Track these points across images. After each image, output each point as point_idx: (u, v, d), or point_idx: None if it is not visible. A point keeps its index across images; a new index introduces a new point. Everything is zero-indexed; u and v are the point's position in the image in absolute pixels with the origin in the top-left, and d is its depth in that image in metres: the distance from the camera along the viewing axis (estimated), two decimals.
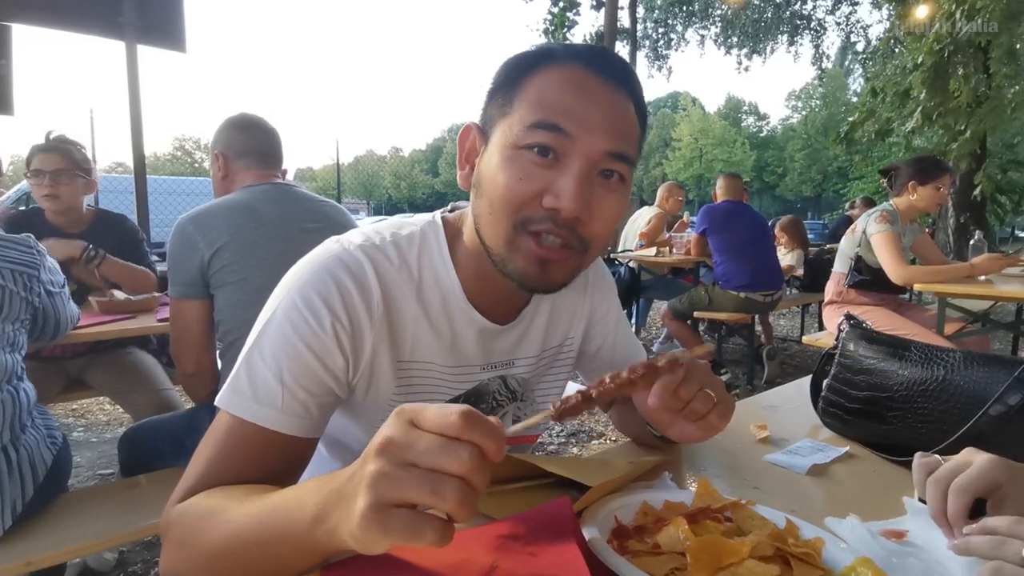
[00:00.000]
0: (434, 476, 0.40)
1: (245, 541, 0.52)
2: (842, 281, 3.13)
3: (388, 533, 0.40)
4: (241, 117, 1.69)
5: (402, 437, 0.42)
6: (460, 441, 0.41)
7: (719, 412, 0.65)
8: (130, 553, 2.02)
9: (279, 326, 0.65)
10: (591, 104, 0.63)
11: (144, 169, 3.69)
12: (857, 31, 18.15)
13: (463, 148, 0.72)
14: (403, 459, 0.41)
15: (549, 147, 0.63)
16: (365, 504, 0.40)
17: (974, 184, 9.18)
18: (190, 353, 1.50)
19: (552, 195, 0.63)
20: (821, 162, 40.95)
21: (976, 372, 0.77)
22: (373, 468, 0.41)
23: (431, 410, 0.43)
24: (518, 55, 0.68)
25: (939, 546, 0.59)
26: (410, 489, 0.40)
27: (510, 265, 0.67)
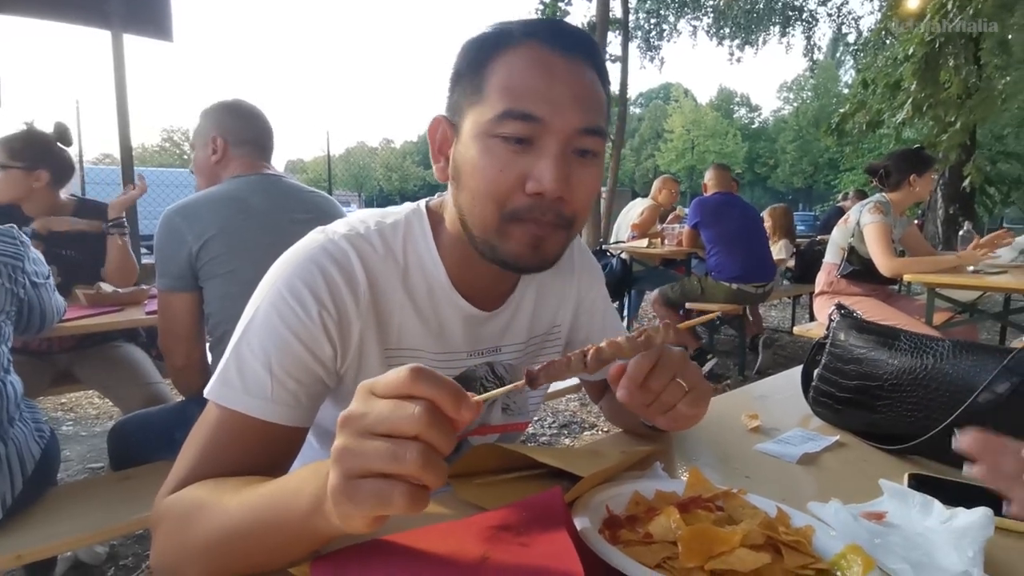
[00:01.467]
0: (391, 441, 0.40)
1: (241, 531, 0.51)
2: (833, 272, 3.15)
3: (358, 504, 0.40)
4: (239, 104, 1.66)
5: (359, 408, 0.42)
6: (412, 398, 0.41)
7: (690, 401, 0.65)
8: (121, 547, 2.02)
9: (266, 316, 0.65)
10: (557, 83, 0.63)
11: (131, 160, 3.65)
12: (849, 22, 18.19)
13: (434, 141, 0.72)
14: (361, 429, 0.41)
15: (522, 134, 0.63)
16: (334, 480, 0.41)
17: (963, 175, 9.23)
18: (179, 346, 1.49)
19: (533, 180, 0.63)
20: (812, 154, 41.09)
21: (965, 361, 0.78)
22: (337, 443, 0.42)
23: (384, 376, 0.43)
24: (476, 38, 0.68)
25: (916, 523, 0.60)
26: (370, 458, 0.40)
27: (501, 250, 0.67)
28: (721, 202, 4.02)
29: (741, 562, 0.49)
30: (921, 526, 0.60)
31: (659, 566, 0.50)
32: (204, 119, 1.64)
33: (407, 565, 0.49)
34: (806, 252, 5.21)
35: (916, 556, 0.55)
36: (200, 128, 1.65)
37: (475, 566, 0.47)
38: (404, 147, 58.62)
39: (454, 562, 0.48)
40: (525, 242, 0.66)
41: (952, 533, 0.56)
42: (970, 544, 0.54)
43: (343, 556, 0.50)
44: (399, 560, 0.49)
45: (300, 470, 0.51)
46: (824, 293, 3.22)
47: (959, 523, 0.57)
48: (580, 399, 3.56)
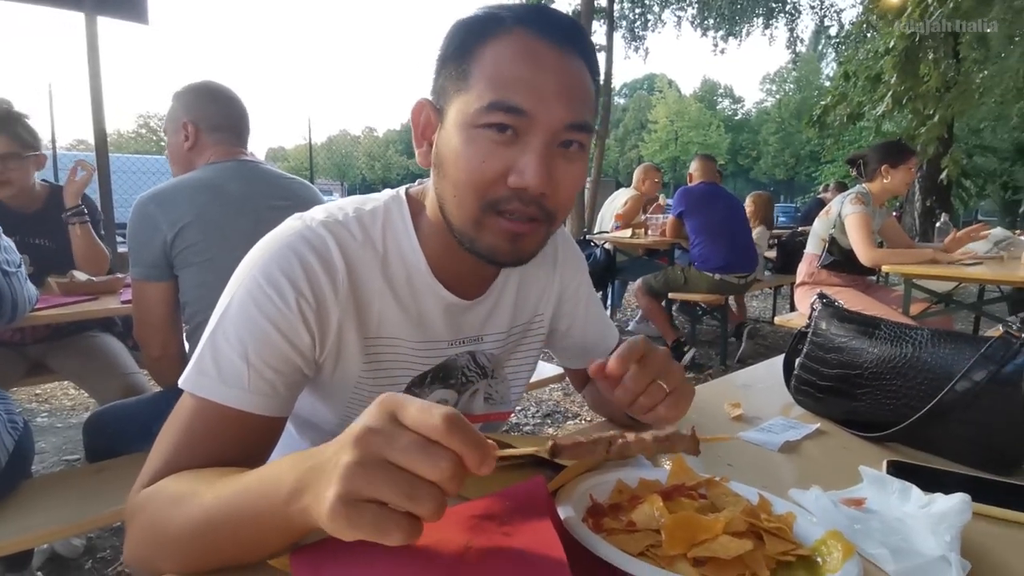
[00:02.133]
0: (410, 479, 0.39)
1: (216, 523, 0.50)
2: (815, 262, 3.19)
3: (354, 527, 0.39)
4: (211, 86, 1.60)
5: (382, 430, 0.40)
6: (441, 447, 0.40)
7: (670, 403, 0.65)
8: (98, 539, 1.99)
9: (242, 305, 0.64)
10: (545, 75, 0.62)
11: (106, 147, 3.57)
12: (831, 15, 18.36)
13: (417, 125, 0.70)
14: (380, 454, 0.40)
15: (508, 125, 0.62)
16: (335, 494, 0.39)
17: (941, 168, 9.38)
18: (155, 336, 1.46)
19: (516, 174, 0.62)
20: (794, 146, 41.47)
21: (943, 349, 0.78)
22: (348, 459, 0.40)
23: (415, 407, 0.41)
24: (465, 22, 0.66)
25: (895, 508, 0.61)
26: (384, 488, 0.39)
27: (479, 243, 0.66)
28: (706, 192, 4.04)
29: (724, 549, 0.49)
30: (900, 511, 0.60)
31: (642, 554, 0.50)
32: (175, 103, 1.58)
33: (389, 556, 0.48)
34: (787, 243, 5.27)
35: (894, 541, 0.56)
36: (171, 113, 1.59)
37: (458, 556, 0.47)
38: (387, 136, 58.06)
39: (436, 552, 0.48)
40: (503, 236, 0.65)
41: (930, 518, 0.56)
42: (947, 529, 0.55)
43: (324, 547, 0.49)
44: (381, 551, 0.49)
45: (278, 461, 0.50)
46: (805, 284, 3.26)
47: (937, 508, 0.58)
48: (563, 388, 3.58)
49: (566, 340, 0.93)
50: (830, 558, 0.51)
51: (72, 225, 2.07)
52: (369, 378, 0.73)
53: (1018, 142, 19.27)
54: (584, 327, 0.92)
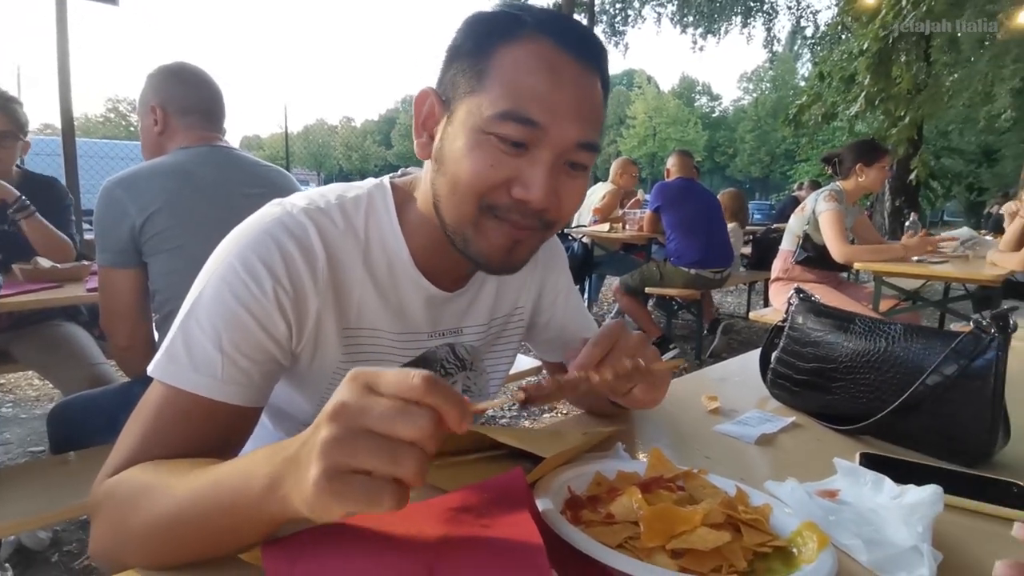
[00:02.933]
0: (392, 443, 0.40)
1: (187, 516, 0.49)
2: (789, 259, 3.24)
3: (343, 501, 0.39)
4: (183, 68, 1.54)
5: (358, 401, 0.40)
6: (420, 406, 0.40)
7: (645, 387, 0.66)
8: (64, 532, 1.95)
9: (216, 291, 0.61)
10: (563, 90, 0.61)
11: (73, 130, 3.48)
12: (807, 16, 18.56)
13: (419, 114, 0.68)
14: (359, 424, 0.40)
15: (519, 141, 0.60)
16: (318, 471, 0.39)
17: (910, 169, 9.60)
18: (123, 325, 1.41)
19: (521, 186, 0.62)
20: (770, 144, 42.11)
21: (915, 344, 0.80)
22: (326, 434, 0.40)
23: (389, 374, 0.41)
24: (484, 17, 0.64)
25: (868, 499, 0.62)
26: (367, 456, 0.39)
27: (473, 247, 0.65)
28: (683, 187, 4.07)
29: (702, 541, 0.49)
30: (873, 502, 0.61)
31: (621, 546, 0.50)
32: (146, 84, 1.53)
33: (364, 548, 0.47)
34: (762, 240, 5.34)
35: (868, 532, 0.56)
36: (142, 95, 1.53)
37: (435, 548, 0.46)
38: (365, 126, 57.45)
39: (413, 544, 0.47)
40: (499, 244, 0.64)
41: (902, 509, 0.57)
42: (920, 520, 0.56)
43: (297, 540, 0.48)
44: (356, 543, 0.48)
45: (252, 454, 0.48)
46: (779, 279, 3.31)
47: (909, 499, 0.59)
48: (540, 381, 3.58)
49: (545, 333, 0.93)
50: (805, 549, 0.52)
51: (18, 221, 1.96)
52: (347, 369, 0.71)
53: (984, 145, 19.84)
54: (563, 320, 0.92)
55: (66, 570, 1.79)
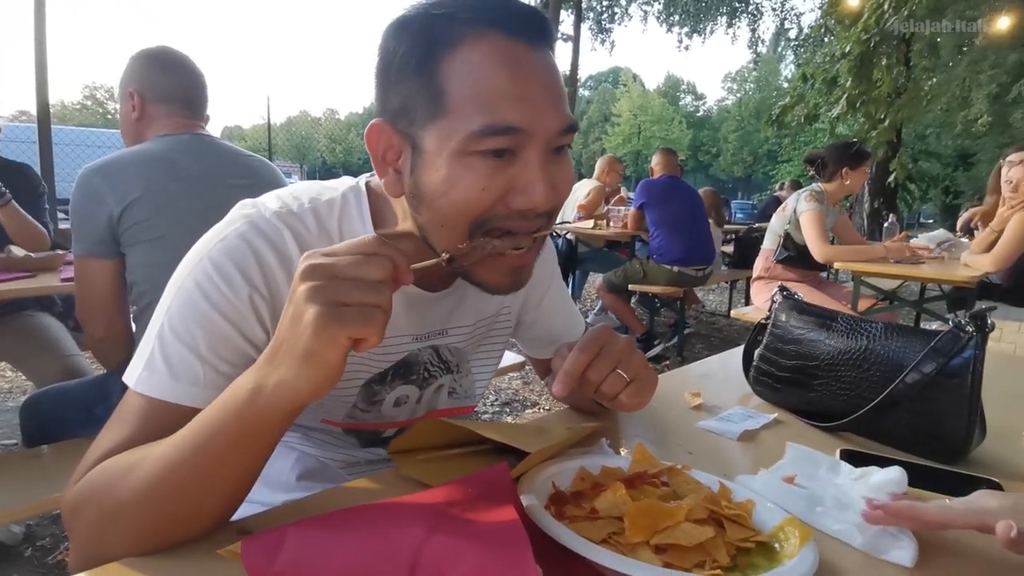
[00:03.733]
0: (365, 280, 0.46)
1: (178, 462, 0.50)
2: (770, 257, 3.28)
3: (345, 323, 0.45)
4: (163, 52, 1.49)
5: (320, 262, 0.47)
6: (376, 255, 0.47)
7: (631, 392, 0.66)
8: (38, 527, 1.91)
9: (190, 297, 0.59)
10: (530, 83, 0.57)
11: (48, 118, 3.41)
12: (791, 18, 18.77)
13: (376, 152, 0.62)
14: (331, 273, 0.46)
15: (505, 149, 0.57)
16: (316, 309, 0.45)
17: (889, 171, 9.76)
18: (99, 317, 1.38)
19: (520, 194, 0.58)
20: (752, 144, 42.51)
21: (895, 343, 0.81)
22: (310, 285, 0.46)
23: (342, 243, 0.49)
24: (414, 28, 0.58)
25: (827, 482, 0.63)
26: (349, 290, 0.46)
27: (475, 277, 0.63)
28: (667, 185, 4.09)
29: (686, 536, 0.50)
30: (833, 486, 0.63)
31: (605, 541, 0.50)
32: (125, 69, 1.48)
33: (347, 542, 0.47)
34: (743, 239, 5.39)
35: (850, 516, 0.58)
36: (122, 79, 1.49)
37: (419, 543, 0.46)
38: (349, 119, 56.89)
39: (397, 539, 0.46)
40: (504, 272, 0.63)
41: (870, 489, 0.59)
42: (889, 497, 0.57)
43: (277, 535, 0.47)
44: (338, 538, 0.47)
45: None
46: (761, 278, 3.35)
47: (876, 480, 0.60)
48: (523, 377, 3.59)
49: (533, 331, 0.92)
50: (787, 544, 0.52)
51: None
52: None
53: (960, 149, 20.23)
54: (551, 318, 0.91)
55: (39, 565, 1.76)
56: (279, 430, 0.52)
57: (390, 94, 0.60)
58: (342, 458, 0.82)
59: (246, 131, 55.24)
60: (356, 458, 0.82)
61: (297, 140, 50.23)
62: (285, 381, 0.47)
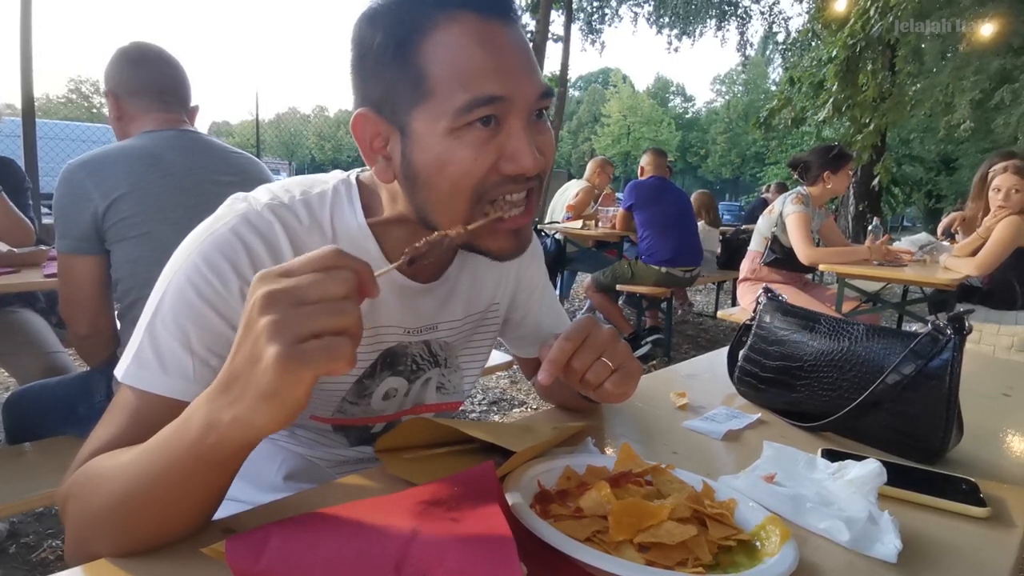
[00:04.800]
0: (327, 303, 0.42)
1: (141, 482, 0.49)
2: (757, 259, 3.31)
3: (309, 362, 0.41)
4: (134, 48, 1.47)
5: (277, 286, 0.42)
6: (336, 269, 0.43)
7: (616, 380, 0.67)
8: (21, 524, 1.89)
9: (180, 291, 0.60)
10: (506, 56, 0.60)
11: (33, 111, 3.38)
12: (779, 22, 18.90)
13: (363, 141, 0.65)
14: (292, 300, 0.42)
15: (491, 116, 0.60)
16: (275, 350, 0.40)
17: (873, 175, 9.86)
18: (83, 314, 1.36)
19: (509, 160, 0.61)
20: (740, 146, 42.80)
21: (876, 344, 0.82)
22: (267, 320, 0.41)
23: (297, 259, 0.44)
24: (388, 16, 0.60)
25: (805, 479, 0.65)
26: (312, 320, 0.41)
27: (482, 247, 0.66)
28: (656, 186, 4.11)
29: (669, 535, 0.50)
30: (812, 481, 0.64)
31: (589, 539, 0.51)
32: (105, 73, 1.46)
33: (332, 541, 0.47)
34: (731, 240, 5.43)
35: (835, 511, 0.59)
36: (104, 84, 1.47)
37: (405, 541, 0.46)
38: (338, 116, 56.51)
39: (382, 537, 0.47)
40: (507, 238, 0.66)
41: (851, 484, 0.61)
42: (870, 491, 0.59)
43: (261, 534, 0.47)
44: (323, 536, 0.47)
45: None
46: (748, 279, 3.38)
47: (855, 473, 0.62)
48: (511, 376, 3.59)
49: (520, 329, 0.93)
50: (768, 542, 0.53)
51: None
52: None
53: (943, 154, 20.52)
54: (538, 316, 0.92)
55: (24, 562, 1.74)
56: (237, 461, 0.50)
57: (369, 84, 0.63)
58: (330, 457, 0.82)
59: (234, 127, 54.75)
60: (344, 457, 0.82)
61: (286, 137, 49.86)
62: (241, 418, 0.44)
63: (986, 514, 0.63)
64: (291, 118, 55.20)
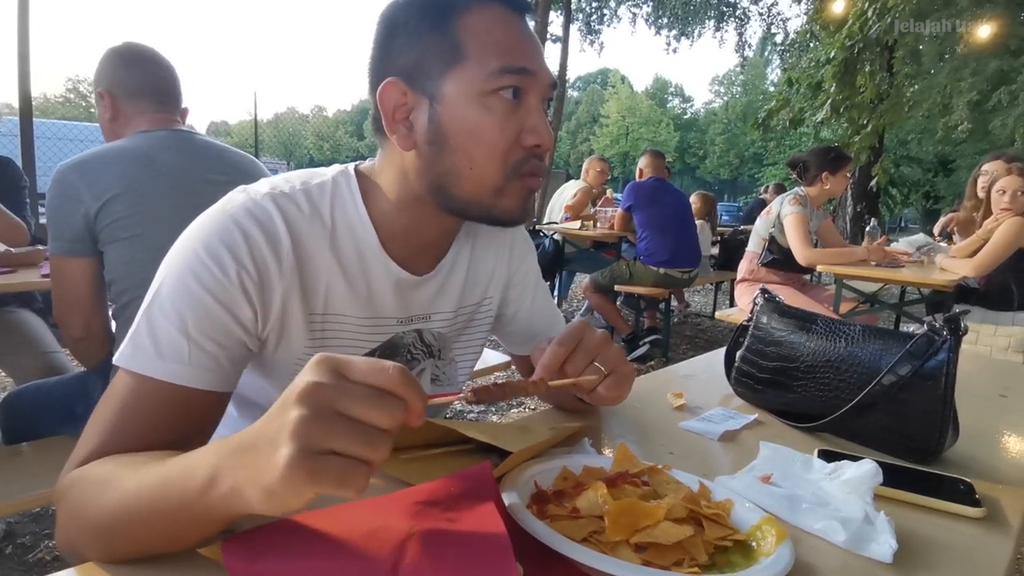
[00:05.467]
0: (365, 427, 0.40)
1: (134, 512, 0.48)
2: (755, 260, 3.31)
3: (317, 480, 0.38)
4: (128, 48, 1.47)
5: (331, 384, 0.40)
6: (392, 396, 0.41)
7: (609, 384, 0.68)
8: (18, 524, 1.89)
9: (180, 278, 0.61)
10: (527, 42, 0.67)
11: (31, 111, 3.37)
12: (777, 23, 18.92)
13: (388, 110, 0.67)
14: (333, 406, 0.40)
15: (518, 88, 0.65)
16: (294, 449, 0.38)
17: (871, 176, 9.88)
18: (77, 316, 1.35)
19: (530, 133, 0.66)
20: (739, 147, 42.82)
21: (872, 345, 0.82)
22: (301, 413, 0.39)
23: (360, 361, 0.42)
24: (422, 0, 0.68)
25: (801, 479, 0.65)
26: (343, 437, 0.39)
27: (496, 209, 0.69)
28: (655, 187, 4.12)
29: (665, 535, 0.50)
30: (809, 482, 0.64)
31: (586, 540, 0.51)
32: (96, 72, 1.46)
33: (329, 542, 0.47)
34: (729, 241, 5.44)
35: (831, 512, 0.59)
36: (94, 84, 1.47)
37: (401, 541, 0.46)
38: (337, 116, 56.62)
39: (379, 538, 0.47)
40: (522, 197, 0.69)
41: (847, 484, 0.61)
42: (867, 492, 0.59)
43: (258, 535, 0.47)
44: (320, 537, 0.47)
45: (202, 448, 0.47)
46: (745, 280, 3.38)
47: (851, 474, 0.62)
48: (508, 376, 3.59)
49: (513, 325, 0.93)
50: (764, 543, 0.53)
51: None
52: (312, 355, 0.71)
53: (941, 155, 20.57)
54: (531, 313, 0.93)
55: (20, 562, 1.74)
56: (230, 520, 0.47)
57: (401, 56, 0.67)
58: None
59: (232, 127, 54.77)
60: None
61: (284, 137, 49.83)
62: (239, 490, 0.42)
63: (981, 514, 0.63)
64: (289, 118, 55.24)
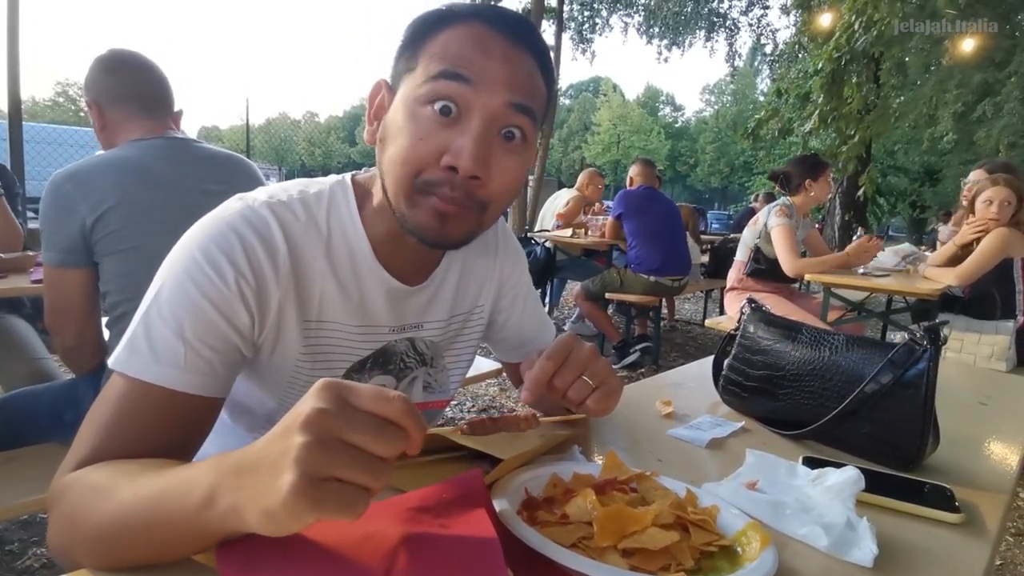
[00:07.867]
0: (368, 455, 0.40)
1: (131, 523, 0.48)
2: (743, 269, 3.34)
3: (319, 507, 0.39)
4: (111, 55, 1.45)
5: (335, 411, 0.40)
6: (395, 426, 0.42)
7: (597, 398, 0.69)
8: (6, 532, 1.88)
9: (178, 283, 0.62)
10: (493, 58, 0.63)
11: (20, 114, 3.35)
12: (767, 34, 19.15)
13: (372, 105, 0.72)
14: (337, 434, 0.40)
15: (451, 101, 0.62)
16: (296, 477, 0.38)
17: (859, 185, 9.99)
18: (70, 325, 1.35)
19: (450, 154, 0.62)
20: (729, 156, 43.14)
21: (855, 354, 0.84)
22: (304, 440, 0.39)
23: (366, 389, 0.42)
24: (421, 16, 0.68)
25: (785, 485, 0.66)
26: (347, 465, 0.40)
27: (410, 220, 0.66)
28: (645, 195, 4.15)
29: (652, 540, 0.51)
30: (793, 488, 0.66)
31: (574, 545, 0.52)
32: (84, 82, 1.45)
33: (321, 548, 0.47)
34: (719, 249, 5.47)
35: (814, 517, 0.60)
36: (84, 92, 1.46)
37: (393, 547, 0.47)
38: (329, 122, 56.55)
39: (371, 544, 0.48)
40: (430, 215, 0.65)
41: (829, 490, 0.62)
42: (849, 497, 0.61)
43: (252, 542, 0.48)
44: (313, 543, 0.48)
45: (201, 462, 0.48)
46: (734, 289, 3.41)
47: (834, 480, 0.63)
48: (500, 384, 3.60)
49: (503, 332, 0.95)
50: (749, 548, 0.54)
51: None
52: (307, 362, 0.73)
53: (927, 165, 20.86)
54: (521, 321, 0.94)
55: (8, 569, 1.72)
56: (226, 537, 0.47)
57: (396, 63, 0.69)
58: None
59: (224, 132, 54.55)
60: None
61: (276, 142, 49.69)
62: (238, 511, 0.42)
63: (960, 520, 0.65)
64: (281, 123, 55.07)
